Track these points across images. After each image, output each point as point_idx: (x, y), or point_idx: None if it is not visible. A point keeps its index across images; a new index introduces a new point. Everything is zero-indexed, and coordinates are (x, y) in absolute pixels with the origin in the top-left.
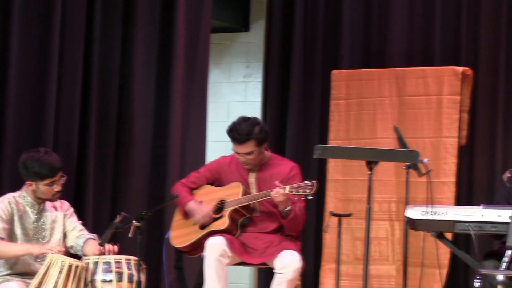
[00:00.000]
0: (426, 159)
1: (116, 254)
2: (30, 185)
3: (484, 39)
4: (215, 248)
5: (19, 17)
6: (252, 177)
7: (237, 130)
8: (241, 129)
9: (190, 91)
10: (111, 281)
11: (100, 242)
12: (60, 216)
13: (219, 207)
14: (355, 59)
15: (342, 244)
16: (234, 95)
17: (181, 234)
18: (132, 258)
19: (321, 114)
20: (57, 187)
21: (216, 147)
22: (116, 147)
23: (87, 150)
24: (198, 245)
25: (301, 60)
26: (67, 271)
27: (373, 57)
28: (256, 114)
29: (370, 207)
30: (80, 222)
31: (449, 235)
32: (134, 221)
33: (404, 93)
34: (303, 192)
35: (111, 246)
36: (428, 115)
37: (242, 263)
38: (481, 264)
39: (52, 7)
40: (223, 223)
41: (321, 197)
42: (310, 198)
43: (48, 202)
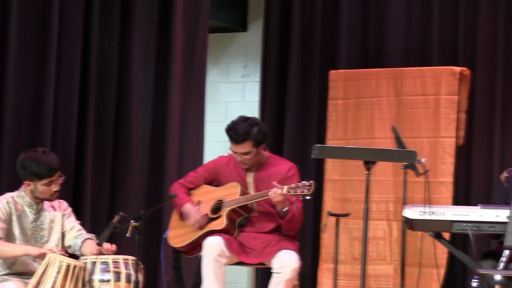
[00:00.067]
0: (424, 159)
1: (114, 254)
2: (28, 185)
3: (482, 39)
4: (213, 248)
5: (17, 17)
6: (250, 177)
7: (235, 130)
8: (239, 129)
9: (188, 91)
10: (109, 281)
11: (98, 242)
12: (59, 216)
13: (217, 207)
14: (353, 59)
15: (340, 244)
16: (232, 95)
17: (179, 234)
18: (130, 258)
19: (319, 114)
20: (55, 187)
21: (214, 147)
22: (114, 147)
23: (85, 150)
24: (196, 245)
25: (299, 60)
26: (65, 271)
27: (371, 57)
28: (254, 114)
29: (368, 207)
30: (78, 222)
31: (447, 235)
32: (132, 221)
33: (402, 93)
34: (301, 192)
35: (109, 246)
36: (426, 115)
37: (240, 263)
38: (479, 264)
39: (50, 7)
40: (221, 223)
41: (319, 197)
42: (308, 198)
43: (47, 202)
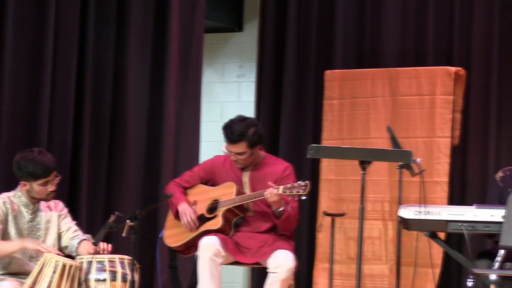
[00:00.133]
0: (419, 159)
1: (110, 254)
2: (25, 185)
3: (477, 39)
4: (209, 248)
5: (13, 17)
6: (246, 177)
7: (231, 129)
8: (235, 129)
9: (184, 91)
10: (105, 280)
11: (94, 242)
12: (55, 216)
13: (213, 207)
14: (349, 59)
15: (335, 244)
16: (228, 95)
17: (175, 234)
18: (126, 257)
19: (315, 114)
20: (51, 187)
21: (210, 147)
22: (110, 147)
23: (81, 150)
24: (192, 245)
25: (295, 60)
26: (61, 271)
27: (367, 57)
28: (250, 114)
29: (363, 207)
30: (75, 222)
31: (442, 235)
32: (128, 221)
33: (397, 93)
34: (297, 193)
35: (106, 245)
36: (421, 115)
37: (236, 263)
38: (474, 264)
39: (46, 7)
40: (217, 223)
41: (314, 197)
42: (304, 199)
43: (43, 202)
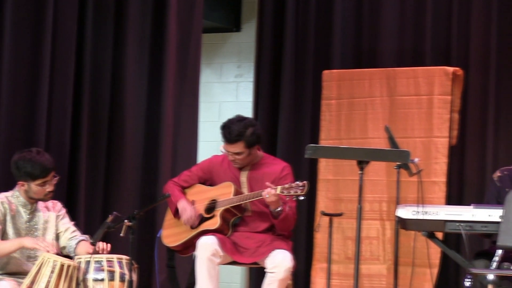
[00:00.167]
0: (417, 159)
1: (108, 253)
2: (23, 185)
3: (475, 40)
4: (207, 248)
5: (11, 17)
6: (244, 176)
7: (229, 129)
8: (233, 129)
9: (182, 91)
10: (103, 280)
11: (92, 242)
12: (53, 217)
13: (211, 207)
14: (346, 59)
15: (333, 244)
16: (226, 95)
17: (173, 233)
18: (124, 257)
19: (312, 114)
20: (49, 187)
21: (208, 147)
22: (108, 147)
23: (79, 150)
24: (190, 244)
25: (293, 60)
26: (59, 271)
27: (364, 57)
28: (248, 114)
29: (361, 207)
30: (73, 223)
31: (440, 235)
32: (126, 221)
33: (395, 93)
34: (294, 193)
35: (105, 245)
36: (419, 115)
37: (234, 263)
38: (472, 264)
39: (44, 7)
40: (215, 223)
41: (312, 197)
42: (302, 199)
43: (41, 202)
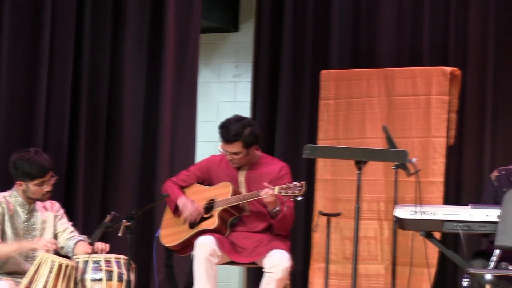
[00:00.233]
0: (415, 159)
1: (106, 253)
2: (20, 185)
3: (473, 40)
4: (205, 248)
5: (9, 17)
6: (242, 176)
7: (227, 129)
8: (231, 129)
9: (180, 91)
10: (101, 280)
11: (90, 242)
12: (51, 217)
13: (209, 207)
14: (344, 59)
15: (331, 244)
16: (224, 95)
17: (171, 233)
18: (122, 257)
19: (310, 114)
20: (47, 187)
21: (206, 147)
22: (106, 147)
23: (77, 150)
24: (188, 244)
25: (290, 60)
26: (57, 270)
27: (362, 57)
28: (246, 114)
29: (359, 207)
30: (71, 223)
31: (438, 235)
32: (124, 221)
33: (393, 93)
34: (292, 193)
35: (104, 245)
36: (417, 115)
37: (232, 263)
38: (470, 264)
39: (42, 7)
40: (213, 223)
41: (310, 197)
42: (299, 199)
43: (39, 202)
